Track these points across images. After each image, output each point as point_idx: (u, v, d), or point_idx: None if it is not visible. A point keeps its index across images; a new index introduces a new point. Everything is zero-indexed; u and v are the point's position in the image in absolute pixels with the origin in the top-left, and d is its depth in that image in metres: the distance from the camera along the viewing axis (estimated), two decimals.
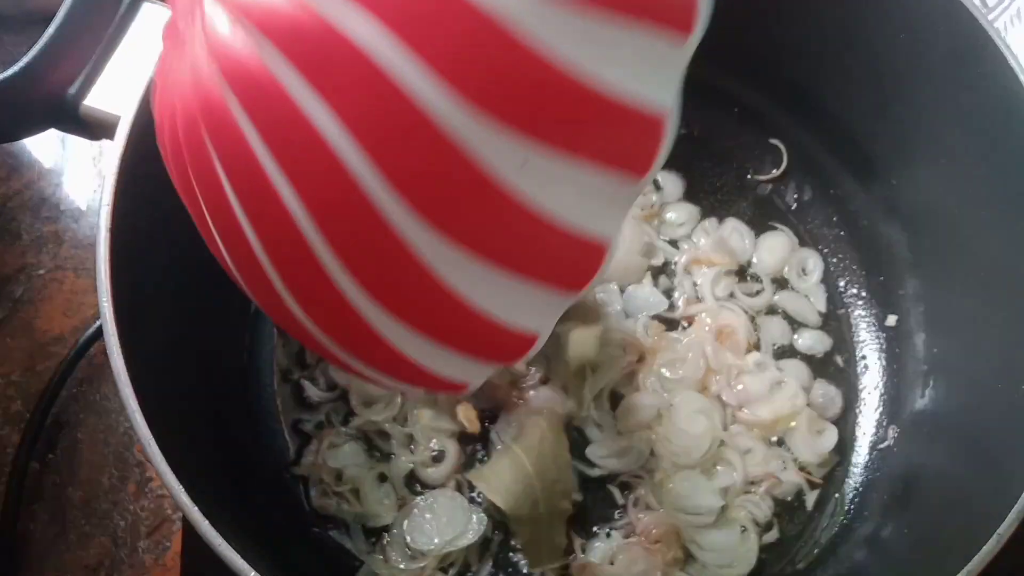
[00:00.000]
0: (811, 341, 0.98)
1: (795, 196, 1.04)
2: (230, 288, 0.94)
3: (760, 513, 0.90)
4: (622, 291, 0.98)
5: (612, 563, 0.87)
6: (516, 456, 0.87)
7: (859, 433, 0.95)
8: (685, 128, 1.06)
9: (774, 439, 0.93)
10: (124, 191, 0.67)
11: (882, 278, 0.98)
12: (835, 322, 0.99)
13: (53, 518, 0.94)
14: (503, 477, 0.86)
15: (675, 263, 1.00)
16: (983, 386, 0.80)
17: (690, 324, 0.97)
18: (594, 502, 0.90)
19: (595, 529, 0.89)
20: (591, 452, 0.91)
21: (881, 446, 0.93)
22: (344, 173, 0.44)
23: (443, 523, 0.87)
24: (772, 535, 0.90)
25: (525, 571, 0.87)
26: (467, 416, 0.90)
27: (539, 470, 0.86)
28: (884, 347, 0.97)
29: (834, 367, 0.97)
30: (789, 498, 0.91)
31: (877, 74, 0.87)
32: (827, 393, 0.95)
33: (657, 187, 1.03)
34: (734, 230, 1.02)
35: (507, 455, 0.88)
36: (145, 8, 0.77)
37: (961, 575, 0.62)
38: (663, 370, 0.94)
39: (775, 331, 0.98)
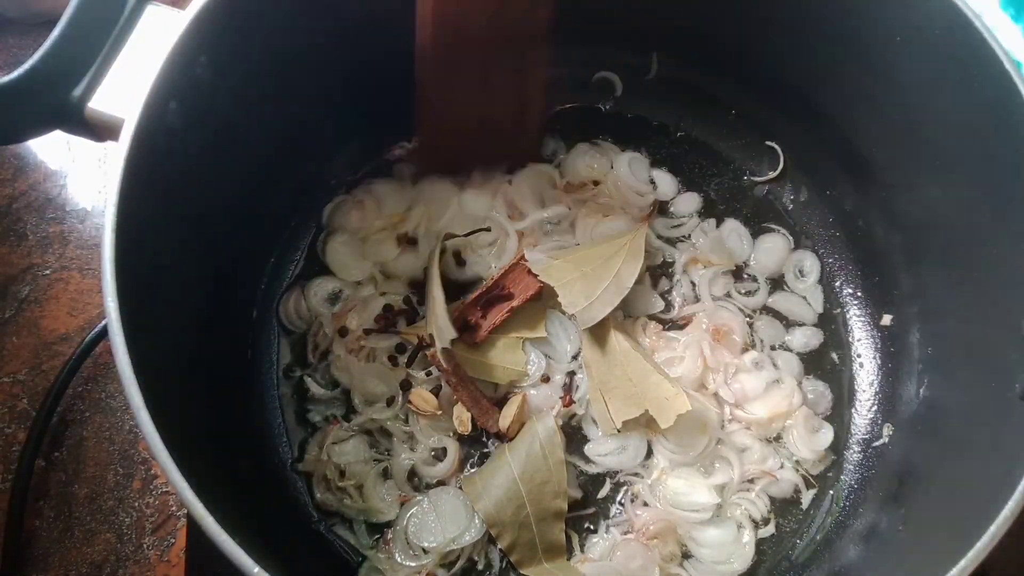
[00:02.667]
0: (806, 339, 0.99)
1: (792, 197, 1.04)
2: (234, 287, 0.95)
3: (756, 510, 0.91)
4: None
5: (610, 559, 0.88)
6: (504, 459, 0.88)
7: (854, 431, 0.95)
8: (683, 131, 1.08)
9: (771, 437, 0.94)
10: (129, 192, 0.68)
11: (877, 278, 0.98)
12: (831, 321, 1.00)
13: (59, 515, 0.95)
14: (489, 482, 0.87)
15: (673, 263, 1.01)
16: (976, 385, 0.80)
17: (687, 324, 0.98)
18: (592, 499, 0.91)
19: (592, 526, 0.90)
20: (590, 450, 0.92)
21: (876, 443, 0.93)
22: None
23: (446, 521, 0.88)
24: (768, 530, 0.91)
25: None
26: (459, 417, 0.91)
27: (527, 472, 0.86)
28: (879, 346, 0.98)
29: (830, 365, 0.98)
30: (786, 495, 0.92)
31: (873, 77, 0.87)
32: (816, 388, 0.96)
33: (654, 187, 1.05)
34: (732, 231, 1.03)
35: (497, 458, 0.89)
36: (149, 11, 0.77)
37: (955, 571, 0.63)
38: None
39: (771, 330, 0.99)
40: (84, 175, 1.12)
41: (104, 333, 0.97)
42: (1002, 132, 0.75)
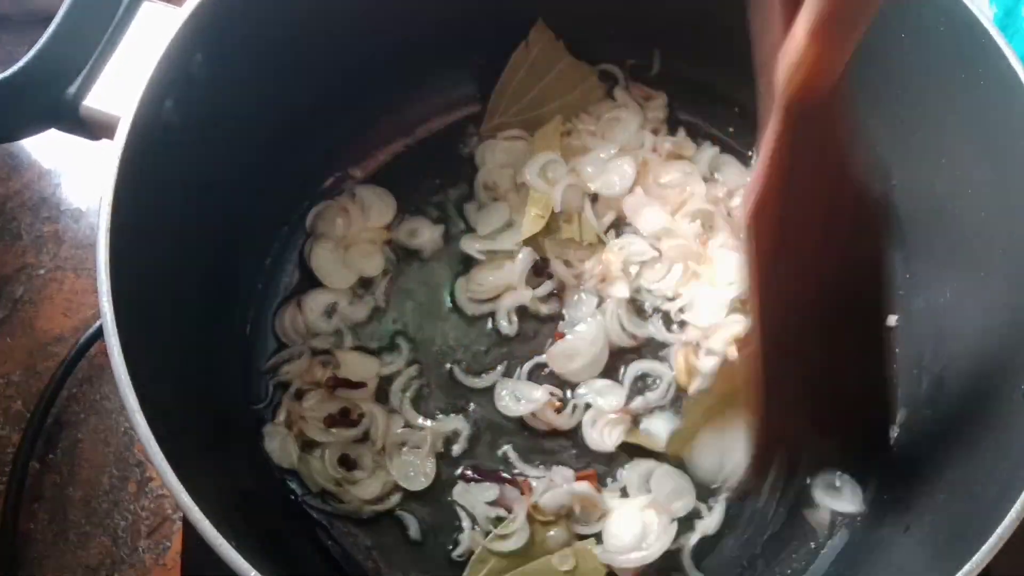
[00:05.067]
0: None
1: None
2: (230, 288, 0.95)
3: None
4: None
5: None
6: None
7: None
8: (687, 128, 1.08)
9: None
10: (124, 191, 0.67)
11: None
12: None
13: (54, 518, 0.94)
14: None
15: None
16: (982, 385, 0.80)
17: None
18: None
19: None
20: None
21: None
22: None
23: None
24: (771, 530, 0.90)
25: None
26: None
27: None
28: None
29: None
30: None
31: (877, 75, 0.87)
32: None
33: None
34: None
35: None
36: (144, 8, 0.77)
37: (961, 574, 0.63)
38: None
39: None
40: (79, 174, 1.11)
41: (99, 334, 0.97)
42: (1009, 129, 0.75)
